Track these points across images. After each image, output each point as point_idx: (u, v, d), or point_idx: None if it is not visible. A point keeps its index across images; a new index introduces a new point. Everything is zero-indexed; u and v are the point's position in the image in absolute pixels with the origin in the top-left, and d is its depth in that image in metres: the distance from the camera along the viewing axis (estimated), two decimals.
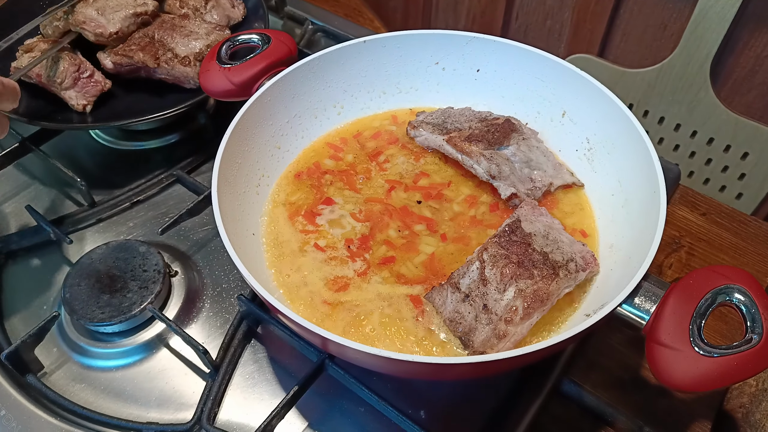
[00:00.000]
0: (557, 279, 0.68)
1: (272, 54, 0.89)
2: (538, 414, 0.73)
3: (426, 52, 0.95)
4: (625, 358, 0.80)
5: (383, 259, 0.78)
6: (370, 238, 0.80)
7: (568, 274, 0.69)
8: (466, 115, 0.92)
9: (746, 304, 0.59)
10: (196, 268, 0.89)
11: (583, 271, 0.71)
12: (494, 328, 0.67)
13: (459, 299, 0.70)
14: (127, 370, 0.79)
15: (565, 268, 0.70)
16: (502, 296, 0.68)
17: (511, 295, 0.67)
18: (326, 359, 0.74)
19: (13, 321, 0.84)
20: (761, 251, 0.93)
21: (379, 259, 0.78)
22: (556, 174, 0.86)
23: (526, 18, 1.64)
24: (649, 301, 0.62)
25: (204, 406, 0.74)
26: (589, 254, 0.73)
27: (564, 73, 0.87)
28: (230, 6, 1.18)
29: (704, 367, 0.57)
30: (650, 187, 0.72)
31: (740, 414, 0.80)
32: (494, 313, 0.67)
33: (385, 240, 0.80)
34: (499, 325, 0.67)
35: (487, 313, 0.68)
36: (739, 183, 1.49)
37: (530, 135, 0.89)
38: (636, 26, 1.46)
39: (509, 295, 0.67)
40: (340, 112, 0.96)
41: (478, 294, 0.69)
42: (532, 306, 0.67)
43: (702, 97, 1.40)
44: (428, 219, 0.82)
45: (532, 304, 0.67)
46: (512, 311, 0.67)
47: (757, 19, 1.28)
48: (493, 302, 0.68)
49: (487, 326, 0.67)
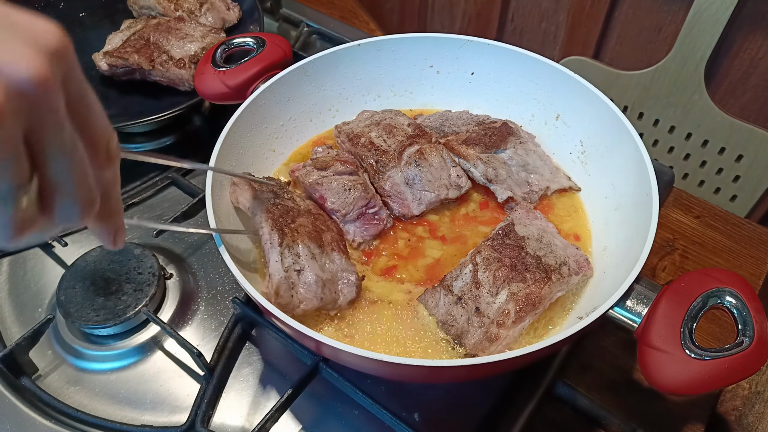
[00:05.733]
0: (550, 283, 0.69)
1: (267, 57, 0.89)
2: (532, 416, 0.73)
3: (421, 55, 0.95)
4: (619, 360, 0.80)
5: (384, 269, 0.78)
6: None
7: (561, 278, 0.70)
8: (463, 118, 0.92)
9: (737, 306, 0.59)
10: (190, 271, 0.89)
11: (576, 275, 0.71)
12: (486, 331, 0.67)
13: (452, 302, 0.70)
14: (122, 373, 0.79)
15: (558, 272, 0.70)
16: (495, 299, 0.68)
17: (504, 299, 0.68)
18: (320, 362, 0.74)
19: (7, 323, 0.84)
20: (755, 254, 0.93)
21: (380, 270, 0.78)
22: (553, 178, 0.86)
23: (522, 20, 1.64)
24: (641, 304, 0.63)
25: (198, 408, 0.74)
26: (582, 258, 0.74)
27: (558, 76, 0.88)
28: (225, 8, 1.18)
29: (695, 370, 0.57)
30: (643, 190, 0.72)
31: (733, 417, 0.80)
32: (486, 316, 0.67)
33: (390, 247, 0.81)
34: (491, 328, 0.67)
35: (479, 315, 0.68)
36: (733, 185, 1.49)
37: (527, 139, 0.89)
38: (631, 29, 1.46)
39: (501, 298, 0.68)
40: (335, 115, 0.96)
41: (471, 297, 0.69)
42: (524, 309, 0.67)
43: (696, 99, 1.41)
44: (430, 222, 0.83)
45: (524, 307, 0.67)
46: (504, 314, 0.67)
47: (751, 22, 1.28)
48: (486, 305, 0.68)
49: (479, 329, 0.67)
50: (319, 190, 0.79)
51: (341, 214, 0.78)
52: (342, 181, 0.79)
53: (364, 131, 0.86)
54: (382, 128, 0.86)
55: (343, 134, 0.88)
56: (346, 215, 0.79)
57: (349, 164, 0.81)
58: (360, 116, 0.91)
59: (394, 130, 0.85)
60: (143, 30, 1.08)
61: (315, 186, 0.79)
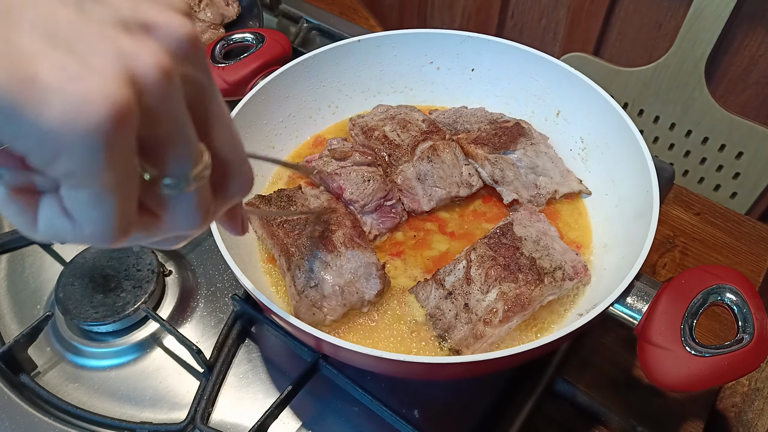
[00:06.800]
0: (542, 285, 0.68)
1: (266, 53, 0.89)
2: (532, 413, 0.73)
3: (420, 52, 0.95)
4: (619, 357, 0.80)
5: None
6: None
7: (554, 282, 0.69)
8: (477, 115, 0.91)
9: (738, 303, 0.59)
10: (190, 268, 0.89)
11: (570, 281, 0.70)
12: (472, 328, 0.67)
13: (442, 296, 0.70)
14: (121, 370, 0.79)
15: (551, 275, 0.69)
16: (484, 297, 0.68)
17: (493, 297, 0.67)
18: (320, 359, 0.74)
19: (6, 320, 0.84)
20: (755, 251, 0.93)
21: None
22: (563, 181, 0.85)
23: (522, 16, 1.64)
24: (641, 301, 0.63)
25: (198, 405, 0.74)
26: (580, 264, 0.73)
27: (558, 72, 0.87)
28: (224, 4, 1.18)
29: (695, 367, 0.57)
30: (643, 187, 0.72)
31: (733, 413, 0.80)
32: (474, 313, 0.67)
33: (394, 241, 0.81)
34: (478, 325, 0.67)
35: (467, 312, 0.68)
36: (733, 182, 1.49)
37: (539, 140, 0.87)
38: (631, 25, 1.46)
39: (491, 296, 0.67)
40: (334, 112, 0.96)
41: (461, 293, 0.69)
42: (512, 310, 0.66)
43: (697, 96, 1.40)
44: (439, 219, 0.83)
45: (512, 308, 0.67)
46: (492, 313, 0.66)
47: (751, 19, 1.28)
48: (475, 302, 0.68)
49: (465, 325, 0.67)
50: (338, 180, 0.78)
51: (359, 205, 0.78)
52: (361, 172, 0.79)
53: (378, 125, 0.86)
54: (396, 123, 0.86)
55: (357, 127, 0.88)
56: (365, 206, 0.78)
57: (368, 155, 0.81)
58: (375, 110, 0.91)
59: (409, 125, 0.85)
60: None
61: (333, 176, 0.79)
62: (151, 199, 0.32)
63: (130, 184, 0.29)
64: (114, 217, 0.28)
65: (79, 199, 0.28)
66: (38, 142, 0.25)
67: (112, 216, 0.28)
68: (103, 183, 0.27)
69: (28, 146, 0.26)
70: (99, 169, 0.26)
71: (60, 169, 0.26)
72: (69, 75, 0.25)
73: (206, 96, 0.32)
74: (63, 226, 0.29)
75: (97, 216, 0.28)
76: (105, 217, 0.28)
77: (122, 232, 0.30)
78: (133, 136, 0.27)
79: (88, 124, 0.25)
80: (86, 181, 0.27)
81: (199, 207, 0.33)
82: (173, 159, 0.30)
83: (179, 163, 0.31)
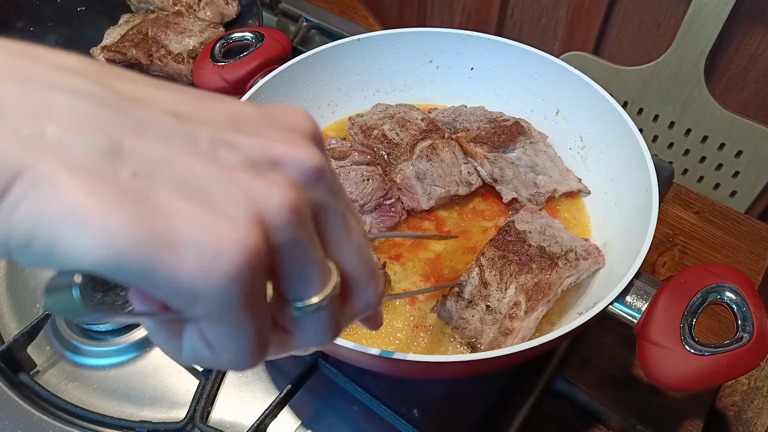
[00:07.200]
0: (557, 268, 0.68)
1: (266, 52, 0.89)
2: (531, 412, 0.73)
3: (420, 50, 0.95)
4: (618, 356, 0.80)
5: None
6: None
7: (568, 263, 0.69)
8: (476, 114, 0.91)
9: (737, 302, 0.59)
10: None
11: (585, 260, 0.70)
12: (500, 327, 0.67)
13: (463, 306, 0.70)
14: (120, 369, 0.79)
15: (564, 258, 0.70)
16: (504, 294, 0.68)
17: (513, 292, 0.67)
18: (319, 358, 0.74)
19: (5, 319, 0.84)
20: (754, 249, 0.93)
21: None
22: (563, 180, 0.85)
23: (521, 15, 1.64)
24: (641, 300, 0.63)
25: (197, 404, 0.74)
26: (592, 246, 0.73)
27: (557, 71, 0.87)
28: (224, 3, 1.18)
29: (695, 366, 0.57)
30: (643, 186, 0.72)
31: (732, 412, 0.80)
32: (498, 312, 0.67)
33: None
34: (504, 322, 0.66)
35: (491, 313, 0.68)
36: (733, 181, 1.49)
37: (539, 139, 0.88)
38: (631, 24, 1.46)
39: (511, 292, 0.68)
40: (334, 111, 0.96)
41: (481, 297, 0.69)
42: (534, 298, 0.67)
43: (696, 95, 1.40)
44: (438, 217, 0.83)
45: (534, 296, 0.67)
46: (516, 306, 0.67)
47: (751, 18, 1.28)
48: (496, 302, 0.68)
49: (492, 326, 0.67)
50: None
51: (358, 205, 0.78)
52: (360, 171, 0.79)
53: (377, 124, 0.86)
54: (395, 121, 0.86)
55: (356, 126, 0.87)
56: (364, 206, 0.78)
57: (367, 154, 0.81)
58: (374, 109, 0.91)
59: (408, 124, 0.85)
60: (141, 24, 1.07)
61: None
62: (283, 318, 0.33)
63: (264, 314, 0.29)
64: (249, 345, 0.29)
65: (217, 332, 0.29)
66: (175, 294, 0.26)
67: (247, 345, 0.29)
68: (238, 321, 0.28)
69: (167, 297, 0.26)
70: (233, 309, 0.27)
71: (197, 312, 0.27)
72: (202, 227, 0.25)
73: (335, 218, 0.32)
74: (204, 354, 0.30)
75: (235, 346, 0.29)
76: (241, 347, 0.29)
77: (258, 356, 0.31)
78: (265, 274, 0.28)
79: (220, 275, 0.25)
80: (222, 319, 0.28)
81: (330, 323, 0.33)
82: (302, 285, 0.31)
83: (308, 288, 0.31)
